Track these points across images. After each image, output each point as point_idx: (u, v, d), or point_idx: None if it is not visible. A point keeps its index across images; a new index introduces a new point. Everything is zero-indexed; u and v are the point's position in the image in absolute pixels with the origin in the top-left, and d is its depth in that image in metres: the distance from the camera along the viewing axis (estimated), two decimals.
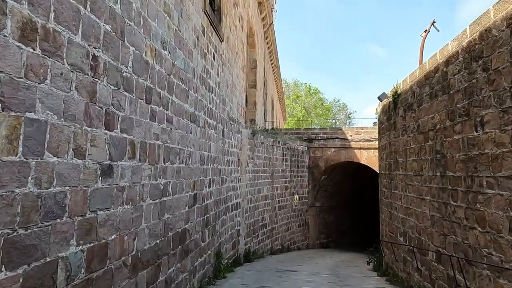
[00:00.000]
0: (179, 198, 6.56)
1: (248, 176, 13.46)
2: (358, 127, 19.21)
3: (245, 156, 13.11)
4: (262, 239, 15.10)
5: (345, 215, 22.84)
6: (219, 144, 9.82)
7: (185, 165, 6.87)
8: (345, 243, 22.86)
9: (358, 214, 23.86)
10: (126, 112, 4.55)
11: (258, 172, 14.70)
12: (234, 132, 11.74)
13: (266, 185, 15.65)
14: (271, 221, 16.12)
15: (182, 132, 6.68)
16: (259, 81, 19.16)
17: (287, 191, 17.92)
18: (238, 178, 12.18)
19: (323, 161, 19.89)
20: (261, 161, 15.07)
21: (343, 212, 22.74)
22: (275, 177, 16.58)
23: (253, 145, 14.14)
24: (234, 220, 11.79)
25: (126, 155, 4.57)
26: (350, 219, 23.23)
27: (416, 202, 8.58)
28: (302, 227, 19.49)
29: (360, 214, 24.02)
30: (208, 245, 8.75)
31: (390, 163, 10.84)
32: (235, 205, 11.90)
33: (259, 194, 14.75)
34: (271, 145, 16.21)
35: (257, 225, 14.53)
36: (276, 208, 16.67)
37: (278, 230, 16.95)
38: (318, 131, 20.18)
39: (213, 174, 9.09)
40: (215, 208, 9.40)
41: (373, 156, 18.67)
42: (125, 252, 4.53)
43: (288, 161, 18.09)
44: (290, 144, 18.32)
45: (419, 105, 8.44)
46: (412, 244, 8.77)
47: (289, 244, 18.14)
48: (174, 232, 6.32)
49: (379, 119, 12.52)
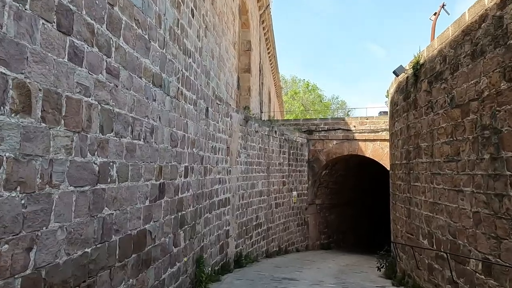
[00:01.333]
0: (133, 187, 4.62)
1: (239, 168, 11.53)
2: (363, 117, 17.32)
3: (236, 145, 11.18)
4: (256, 240, 13.17)
5: (347, 214, 20.93)
6: (201, 125, 7.88)
7: (143, 142, 4.93)
8: (347, 244, 20.95)
9: (361, 212, 21.95)
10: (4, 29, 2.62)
11: (252, 164, 12.77)
12: (222, 114, 9.80)
13: (261, 180, 13.72)
14: (266, 220, 14.20)
15: (138, 96, 4.74)
16: (254, 66, 17.23)
17: (285, 187, 16.00)
18: (227, 169, 10.25)
19: (324, 155, 17.97)
20: (255, 152, 13.15)
21: (346, 210, 20.82)
22: (271, 171, 14.66)
23: (245, 133, 12.21)
24: (222, 219, 9.85)
25: (8, 105, 2.64)
26: (353, 218, 21.32)
27: (449, 195, 6.66)
28: (301, 227, 17.57)
29: (364, 213, 22.11)
30: (184, 251, 6.80)
31: (408, 150, 8.93)
32: (224, 201, 9.96)
33: (253, 189, 12.82)
34: (266, 135, 14.28)
35: (251, 224, 12.60)
36: (272, 206, 14.75)
37: (275, 230, 15.03)
38: (318, 122, 18.25)
39: (191, 161, 7.15)
40: (195, 203, 7.46)
41: (379, 149, 16.78)
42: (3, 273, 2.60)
43: (286, 154, 16.17)
44: (288, 135, 16.41)
45: (453, 71, 6.52)
46: (442, 248, 6.85)
47: (286, 246, 16.22)
48: (123, 236, 4.38)
49: (392, 101, 10.61)
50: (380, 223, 24.04)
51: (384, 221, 25.56)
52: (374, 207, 23.31)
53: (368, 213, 22.53)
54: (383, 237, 23.94)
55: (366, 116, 17.29)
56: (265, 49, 23.45)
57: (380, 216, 23.90)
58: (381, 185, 22.72)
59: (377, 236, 23.14)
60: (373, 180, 21.78)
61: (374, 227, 23.33)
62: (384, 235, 24.05)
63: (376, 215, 23.53)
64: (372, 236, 22.66)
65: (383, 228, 24.73)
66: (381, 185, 22.90)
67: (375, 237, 22.83)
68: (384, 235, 24.05)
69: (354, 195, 21.17)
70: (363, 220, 22.03)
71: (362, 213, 21.93)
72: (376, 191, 22.91)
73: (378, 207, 23.74)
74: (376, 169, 18.32)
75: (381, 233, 23.86)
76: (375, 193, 23.02)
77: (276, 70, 31.41)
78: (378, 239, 22.87)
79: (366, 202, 22.29)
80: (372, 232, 22.97)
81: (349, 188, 20.65)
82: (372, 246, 21.27)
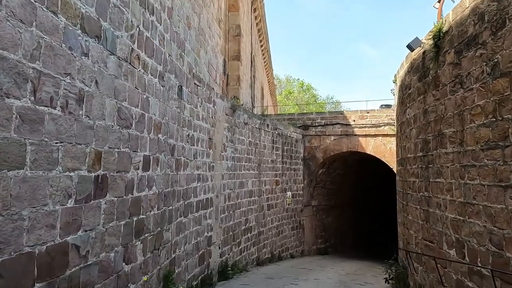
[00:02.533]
0: (37, 179, 2.95)
1: (225, 164, 9.87)
2: (363, 110, 15.75)
3: (220, 137, 9.53)
4: (245, 247, 11.49)
5: (345, 216, 19.31)
6: (172, 107, 6.22)
7: (62, 112, 3.25)
8: (346, 248, 19.33)
9: (361, 214, 20.34)
10: None
11: (240, 160, 11.12)
12: (202, 98, 8.15)
13: (252, 178, 12.06)
14: (257, 223, 12.53)
15: (49, 40, 3.07)
16: (244, 55, 15.59)
17: (278, 187, 14.35)
18: (209, 164, 8.59)
19: (321, 152, 16.35)
20: (245, 147, 11.49)
21: (344, 212, 19.20)
22: (263, 168, 13.01)
23: (233, 124, 10.55)
24: (203, 224, 8.18)
25: None
26: (352, 220, 19.70)
27: (489, 193, 5.04)
28: (296, 230, 15.92)
29: (363, 215, 20.50)
30: (144, 267, 5.12)
31: (425, 140, 7.32)
32: (205, 202, 8.30)
33: (241, 189, 11.16)
34: (257, 128, 12.63)
35: (239, 229, 10.93)
36: (264, 207, 13.09)
37: (267, 235, 13.37)
38: (314, 117, 16.64)
39: (155, 150, 5.48)
40: (162, 205, 5.79)
41: (381, 145, 15.19)
42: None
43: (280, 150, 14.53)
44: (282, 129, 14.77)
45: (496, 30, 4.92)
46: (480, 262, 5.23)
47: (280, 252, 14.56)
48: (12, 256, 2.71)
49: (403, 85, 9.00)
50: (381, 225, 22.48)
51: (387, 224, 23.95)
52: (375, 208, 21.72)
53: (368, 215, 20.94)
54: (386, 241, 22.35)
55: (367, 110, 15.71)
56: (257, 41, 21.85)
57: (382, 218, 22.34)
58: (383, 185, 21.17)
59: (377, 239, 21.55)
60: (374, 180, 20.20)
61: (374, 230, 21.73)
62: (386, 239, 22.47)
63: (377, 217, 21.93)
64: (372, 240, 21.05)
65: (385, 230, 23.15)
66: (384, 185, 21.34)
67: (376, 241, 21.25)
68: (386, 239, 22.47)
69: (353, 195, 19.57)
70: (362, 223, 20.43)
71: (361, 215, 20.32)
72: (377, 191, 21.32)
73: (380, 208, 22.17)
74: (378, 167, 16.74)
75: (382, 236, 22.29)
76: (376, 194, 21.43)
77: (270, 66, 29.81)
78: (378, 243, 21.32)
79: (366, 203, 20.69)
80: (372, 235, 21.37)
81: (348, 188, 19.04)
82: (372, 250, 19.73)
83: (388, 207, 23.02)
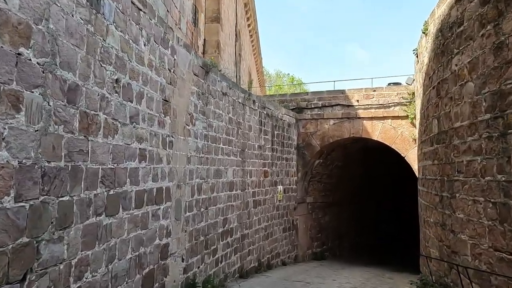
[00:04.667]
0: None
1: (193, 143, 6.99)
2: (368, 88, 13.01)
3: (185, 103, 6.64)
4: (224, 256, 8.62)
5: (345, 215, 16.54)
6: (72, 14, 3.31)
7: None
8: (344, 252, 16.56)
9: (363, 213, 17.58)
10: None
11: (217, 141, 8.24)
12: (150, 35, 5.23)
13: (233, 166, 9.20)
14: (240, 224, 9.66)
15: None
16: (225, 19, 12.71)
17: (267, 180, 11.51)
18: (163, 138, 5.70)
19: (317, 139, 13.55)
20: (223, 125, 8.62)
21: (343, 210, 16.43)
22: (247, 155, 10.15)
23: (205, 90, 7.68)
24: (151, 226, 5.27)
25: None
26: (352, 220, 16.93)
27: None
28: (288, 232, 13.08)
29: (366, 214, 17.74)
30: None
31: (499, 92, 4.53)
32: (155, 193, 5.40)
33: (218, 178, 8.29)
34: (240, 103, 9.77)
35: (214, 232, 8.05)
36: (249, 204, 10.23)
37: (253, 238, 10.50)
38: (310, 97, 13.84)
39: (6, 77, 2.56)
40: (40, 191, 2.88)
41: (391, 129, 12.44)
42: None
43: (269, 135, 11.68)
44: (272, 109, 11.93)
45: None
46: None
47: (269, 258, 11.69)
48: None
49: (443, 26, 6.20)
50: (389, 225, 19.81)
51: (397, 224, 21.15)
52: (382, 206, 19.02)
53: (373, 214, 18.18)
54: (393, 243, 19.60)
55: (373, 87, 12.95)
56: (244, 17, 18.99)
57: (391, 218, 19.66)
58: (392, 177, 18.51)
59: (383, 242, 18.85)
60: (380, 172, 17.46)
61: (380, 230, 19.01)
62: (394, 240, 19.70)
63: (385, 216, 19.20)
64: (376, 242, 18.32)
65: (395, 232, 20.41)
66: (392, 177, 18.66)
67: (381, 243, 18.54)
68: (394, 240, 19.70)
69: (354, 191, 16.80)
70: (364, 223, 17.67)
71: (364, 213, 17.56)
72: (384, 185, 18.60)
73: (388, 205, 19.50)
74: (386, 156, 14.02)
75: (389, 238, 19.59)
76: (383, 188, 18.71)
77: (258, 53, 26.95)
78: (383, 246, 18.65)
79: (370, 200, 17.93)
80: (376, 237, 18.65)
81: (348, 183, 16.27)
82: (376, 254, 17.00)
83: (399, 204, 20.41)
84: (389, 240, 19.37)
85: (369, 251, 17.14)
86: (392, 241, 19.44)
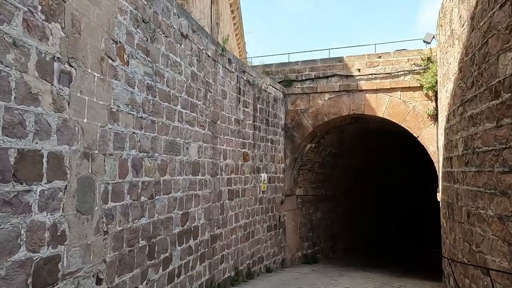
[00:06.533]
0: None
1: (123, 92, 4.30)
2: (372, 54, 10.48)
3: (104, 17, 3.92)
4: (182, 266, 5.93)
5: (339, 211, 14.04)
6: None
7: None
8: (339, 253, 14.07)
9: (361, 207, 15.09)
10: None
11: (171, 100, 5.56)
12: None
13: (198, 141, 6.53)
14: (210, 222, 7.00)
15: None
16: None
17: (248, 164, 8.88)
18: (41, 58, 2.98)
19: (309, 117, 10.98)
20: (182, 79, 5.95)
21: (338, 205, 13.93)
22: (221, 130, 7.50)
23: (149, 17, 4.97)
24: (7, 225, 2.57)
25: None
26: (348, 216, 14.43)
27: None
28: (274, 231, 10.48)
29: (365, 208, 15.23)
30: None
31: None
32: (8, 159, 2.69)
33: (173, 155, 5.62)
34: (210, 58, 7.10)
35: (166, 232, 5.36)
36: (223, 195, 7.57)
37: (228, 240, 7.85)
38: (301, 67, 11.26)
39: None
40: None
41: (401, 103, 9.93)
42: None
43: (250, 108, 9.06)
44: (254, 76, 9.31)
45: None
46: None
47: (250, 265, 9.06)
48: None
49: None
50: (391, 222, 17.41)
51: (402, 221, 18.72)
52: (385, 198, 16.58)
53: (373, 209, 15.68)
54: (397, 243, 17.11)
55: (378, 53, 10.43)
56: None
57: (393, 212, 17.24)
58: (396, 166, 16.10)
59: (384, 240, 16.42)
60: (382, 160, 14.99)
61: (381, 228, 16.56)
62: (398, 239, 17.21)
63: (387, 210, 16.75)
64: (376, 242, 15.86)
65: (398, 230, 18.06)
66: (397, 166, 16.22)
67: (381, 243, 16.11)
68: (398, 239, 17.21)
69: (351, 183, 14.30)
70: (362, 219, 15.19)
71: (361, 209, 15.07)
72: (387, 175, 16.14)
73: (393, 198, 17.07)
74: (390, 141, 11.57)
75: (392, 236, 17.18)
76: (388, 178, 16.25)
77: (241, 34, 24.24)
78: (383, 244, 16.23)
79: (371, 193, 15.43)
80: (376, 235, 16.21)
81: (345, 173, 13.76)
82: (373, 255, 14.51)
83: (404, 197, 17.98)
84: (391, 238, 17.00)
85: (368, 252, 14.70)
86: (395, 238, 17.10)
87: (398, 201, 17.82)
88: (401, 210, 18.16)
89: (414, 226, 18.71)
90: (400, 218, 18.07)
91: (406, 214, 18.64)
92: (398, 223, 17.96)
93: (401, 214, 18.19)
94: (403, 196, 17.97)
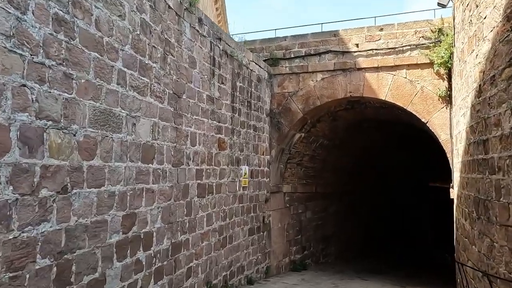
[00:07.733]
0: None
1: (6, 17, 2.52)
2: (373, 27, 8.84)
3: None
4: None
5: (331, 211, 12.44)
6: None
7: None
8: (330, 258, 12.47)
9: (357, 207, 13.51)
10: None
11: (103, 50, 3.80)
12: None
13: (153, 118, 4.79)
14: (170, 225, 5.25)
15: None
16: None
17: (224, 154, 7.17)
18: None
19: (299, 101, 9.32)
20: (124, 25, 4.19)
21: (330, 204, 12.34)
22: (187, 106, 5.76)
23: None
24: None
25: None
26: (342, 216, 12.84)
27: None
28: (257, 235, 8.77)
29: (361, 208, 13.68)
30: None
31: None
32: None
33: (109, 131, 3.86)
34: (172, 10, 5.35)
35: (93, 242, 3.59)
36: (190, 191, 5.84)
37: (197, 248, 6.11)
38: (289, 43, 9.59)
39: None
40: None
41: (407, 83, 8.34)
42: None
43: (228, 84, 7.34)
44: (233, 47, 7.59)
45: None
46: None
47: (227, 277, 7.33)
48: None
49: None
50: (384, 222, 15.94)
51: (399, 222, 17.27)
52: (384, 196, 15.07)
53: (369, 208, 14.11)
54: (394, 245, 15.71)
55: (379, 26, 8.82)
56: None
57: (384, 211, 15.75)
58: (396, 161, 14.56)
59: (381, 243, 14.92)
60: (381, 153, 13.41)
61: (379, 229, 15.03)
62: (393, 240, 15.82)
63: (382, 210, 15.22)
64: (372, 245, 14.32)
65: (394, 231, 16.64)
66: (396, 161, 14.65)
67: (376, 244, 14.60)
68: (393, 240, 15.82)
69: (345, 179, 12.70)
70: (357, 220, 13.62)
71: (357, 208, 13.50)
72: (385, 172, 14.61)
73: (393, 196, 15.60)
74: (391, 131, 10.01)
75: (386, 237, 15.70)
76: (383, 176, 14.71)
77: (224, 20, 22.47)
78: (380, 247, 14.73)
79: (366, 191, 13.88)
80: (374, 237, 14.68)
81: (338, 167, 12.16)
82: (370, 261, 12.89)
83: (405, 196, 16.48)
84: (387, 239, 15.55)
85: (362, 255, 13.15)
86: (393, 240, 15.66)
87: (396, 200, 16.38)
88: (400, 210, 16.74)
89: (414, 227, 17.34)
90: (400, 218, 16.65)
91: (406, 214, 17.23)
92: (397, 223, 16.53)
93: (400, 214, 16.77)
94: (402, 196, 16.56)
